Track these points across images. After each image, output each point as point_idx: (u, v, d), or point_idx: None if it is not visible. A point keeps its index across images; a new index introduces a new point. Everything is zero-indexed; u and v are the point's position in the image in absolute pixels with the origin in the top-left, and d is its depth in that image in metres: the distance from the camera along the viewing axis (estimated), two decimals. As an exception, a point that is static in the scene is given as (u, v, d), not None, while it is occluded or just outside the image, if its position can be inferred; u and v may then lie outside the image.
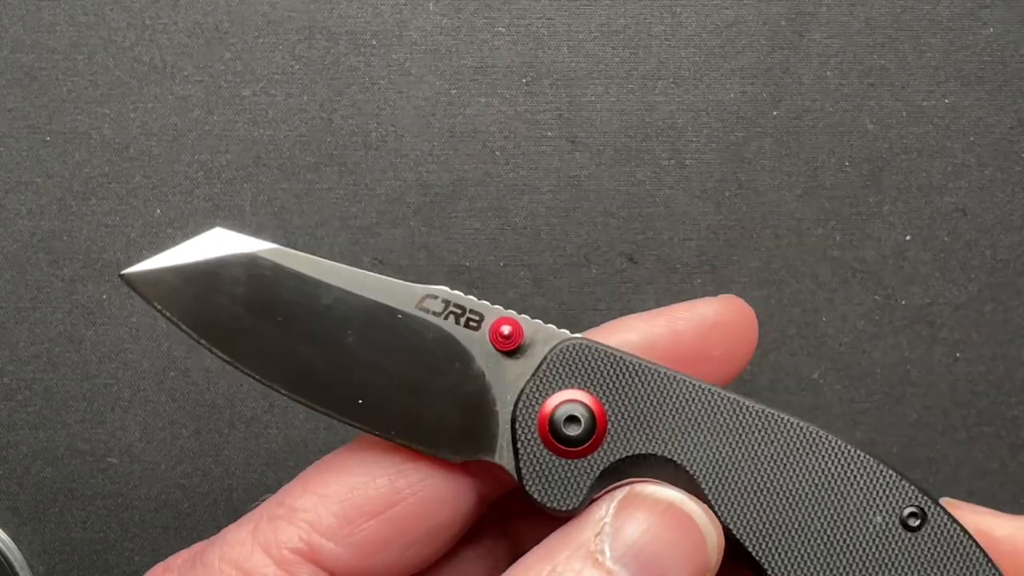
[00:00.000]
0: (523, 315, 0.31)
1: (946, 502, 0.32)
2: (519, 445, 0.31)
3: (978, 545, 0.31)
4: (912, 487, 0.31)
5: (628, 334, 0.33)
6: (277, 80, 0.45)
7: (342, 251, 0.45)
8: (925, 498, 0.31)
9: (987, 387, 0.46)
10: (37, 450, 0.46)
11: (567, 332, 0.32)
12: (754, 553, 0.31)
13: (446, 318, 0.31)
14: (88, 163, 0.45)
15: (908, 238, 0.46)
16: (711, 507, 0.31)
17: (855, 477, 0.31)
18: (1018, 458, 0.46)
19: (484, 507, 0.33)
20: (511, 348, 0.31)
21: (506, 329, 0.31)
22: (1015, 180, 0.46)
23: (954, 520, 0.31)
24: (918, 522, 0.31)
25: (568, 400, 0.31)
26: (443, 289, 0.31)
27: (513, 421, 0.31)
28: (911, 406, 0.46)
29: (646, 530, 0.29)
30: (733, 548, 0.32)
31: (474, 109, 0.45)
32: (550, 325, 0.32)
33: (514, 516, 0.36)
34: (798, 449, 0.31)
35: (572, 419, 0.31)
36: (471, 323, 0.31)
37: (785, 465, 0.31)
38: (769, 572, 0.31)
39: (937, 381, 0.46)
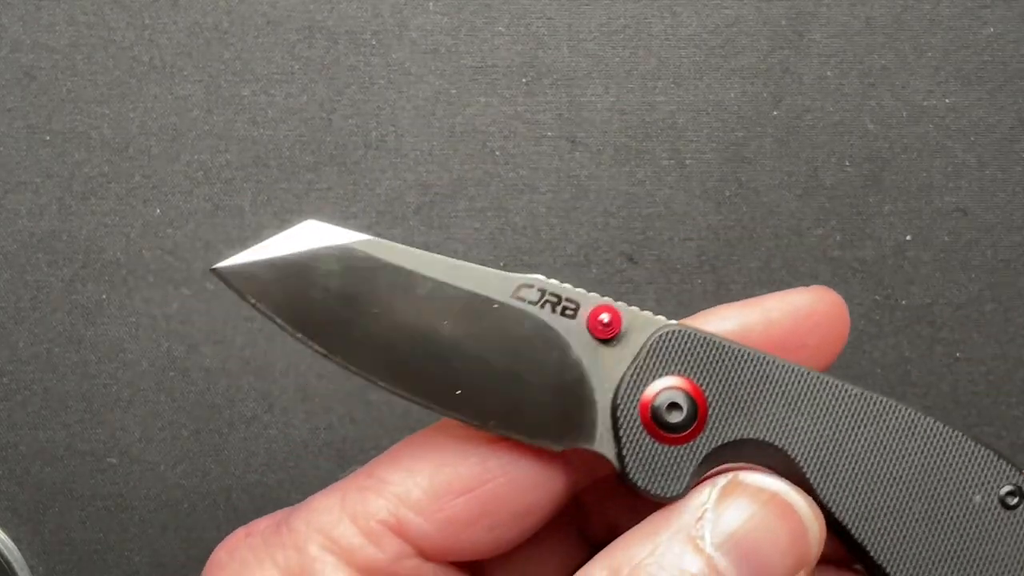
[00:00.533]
0: (619, 302, 0.32)
1: None
2: (621, 432, 0.31)
3: None
4: (1010, 466, 0.32)
5: (723, 322, 0.33)
6: (277, 80, 0.45)
7: (342, 251, 0.45)
8: (1023, 477, 0.32)
9: (987, 387, 0.46)
10: (37, 450, 0.46)
11: (663, 319, 0.32)
12: (855, 534, 0.32)
13: (542, 307, 0.31)
14: (87, 163, 0.45)
15: (908, 238, 0.46)
16: (812, 490, 0.31)
17: (954, 458, 0.32)
18: (1018, 458, 0.46)
19: (573, 494, 0.33)
20: (610, 336, 0.31)
21: (605, 317, 0.31)
22: (1015, 180, 0.46)
23: None
24: (1016, 500, 0.32)
25: (669, 387, 0.31)
26: (539, 278, 0.31)
27: (614, 409, 0.31)
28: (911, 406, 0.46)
29: (748, 518, 0.29)
30: (833, 532, 0.32)
31: (474, 109, 0.45)
32: (646, 312, 0.32)
33: (592, 502, 0.36)
34: (898, 431, 0.32)
35: (674, 405, 0.31)
36: (567, 311, 0.31)
37: (885, 447, 0.32)
38: (871, 552, 0.32)
39: (937, 381, 0.46)
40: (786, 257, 0.45)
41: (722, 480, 0.30)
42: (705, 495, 0.30)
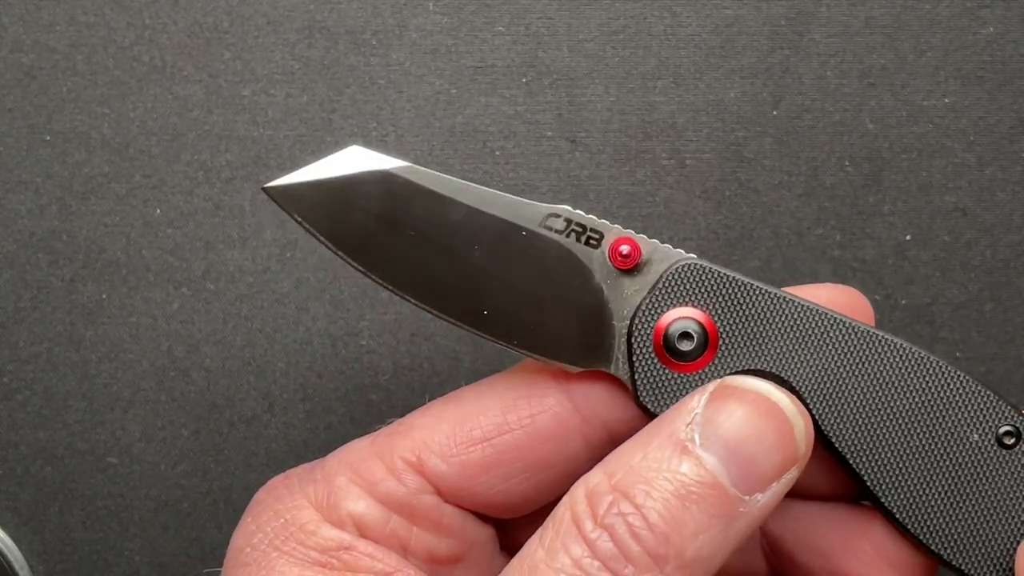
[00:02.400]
0: (641, 235, 0.33)
1: None
2: (634, 358, 0.33)
3: None
4: (1008, 407, 0.33)
5: None
6: (277, 80, 0.45)
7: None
8: (1021, 418, 0.33)
9: (987, 387, 0.46)
10: (37, 450, 0.46)
11: (682, 252, 0.34)
12: (854, 465, 0.33)
13: (568, 236, 0.33)
14: (88, 163, 0.45)
15: (908, 238, 0.46)
16: (815, 421, 0.33)
17: (954, 396, 0.33)
18: (1018, 458, 0.46)
19: (592, 459, 0.35)
20: (629, 266, 0.33)
21: (625, 248, 0.33)
22: (1015, 180, 0.46)
23: None
24: (1013, 440, 0.33)
25: (682, 317, 0.33)
26: (566, 208, 0.33)
27: (629, 335, 0.33)
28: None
29: (736, 420, 0.31)
30: (834, 457, 0.34)
31: (474, 109, 0.45)
32: (666, 245, 0.33)
33: None
34: (901, 368, 0.33)
35: (685, 335, 0.33)
36: (591, 241, 0.33)
37: (888, 383, 0.33)
38: (869, 484, 0.33)
39: (937, 381, 0.46)
40: (786, 257, 0.45)
41: (711, 386, 0.32)
42: (695, 401, 0.31)
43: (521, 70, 0.45)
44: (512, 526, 0.37)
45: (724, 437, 0.30)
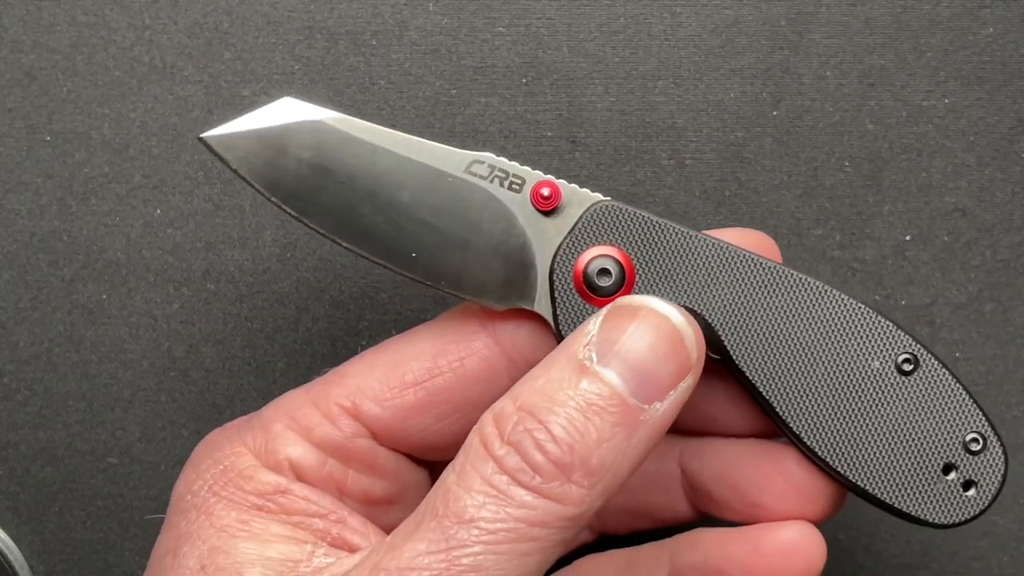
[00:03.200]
0: (561, 180, 0.35)
1: None
2: (556, 294, 0.35)
3: (965, 388, 0.35)
4: (907, 336, 0.35)
5: None
6: (277, 80, 0.45)
7: (342, 251, 0.45)
8: (919, 346, 0.35)
9: (987, 387, 0.46)
10: (37, 450, 0.46)
11: (600, 195, 0.35)
12: (766, 394, 0.35)
13: (491, 181, 0.35)
14: (88, 163, 0.45)
15: (908, 238, 0.46)
16: (727, 352, 0.35)
17: (856, 326, 0.35)
18: (1018, 458, 0.46)
19: None
20: (549, 208, 0.35)
21: (546, 191, 0.35)
22: (1015, 180, 0.46)
23: (944, 366, 0.35)
24: (911, 367, 0.35)
25: (600, 255, 0.35)
26: (489, 155, 0.35)
27: (551, 273, 0.35)
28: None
29: (628, 335, 0.32)
30: (746, 389, 0.35)
31: (474, 109, 0.45)
32: (585, 189, 0.35)
33: None
34: (806, 301, 0.35)
35: (604, 271, 0.35)
36: (514, 186, 0.35)
37: (795, 315, 0.35)
38: (779, 411, 0.35)
39: (937, 381, 0.46)
40: (786, 257, 0.45)
41: (605, 308, 0.33)
42: (591, 324, 0.33)
43: (521, 70, 0.45)
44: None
45: (619, 353, 0.32)
